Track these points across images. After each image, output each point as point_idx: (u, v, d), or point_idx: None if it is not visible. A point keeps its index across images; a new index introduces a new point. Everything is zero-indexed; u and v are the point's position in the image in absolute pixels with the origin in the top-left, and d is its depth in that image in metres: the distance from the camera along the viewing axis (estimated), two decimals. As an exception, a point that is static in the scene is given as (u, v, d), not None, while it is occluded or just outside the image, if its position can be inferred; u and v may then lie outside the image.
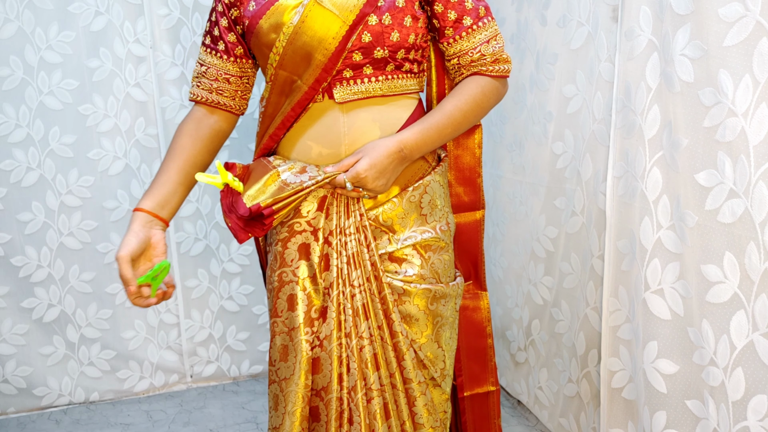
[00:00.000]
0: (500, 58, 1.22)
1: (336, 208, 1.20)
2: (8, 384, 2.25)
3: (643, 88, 1.42)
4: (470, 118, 1.23)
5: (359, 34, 1.14)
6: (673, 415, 1.42)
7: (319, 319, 1.20)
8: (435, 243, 1.26)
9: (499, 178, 2.21)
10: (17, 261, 2.19)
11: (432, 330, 1.27)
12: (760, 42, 1.14)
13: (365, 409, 1.22)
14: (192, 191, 2.31)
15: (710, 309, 1.29)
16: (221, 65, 1.26)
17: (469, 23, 1.20)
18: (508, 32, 2.07)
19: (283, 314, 1.21)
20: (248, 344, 2.50)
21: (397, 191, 1.24)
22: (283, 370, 1.21)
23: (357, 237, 1.20)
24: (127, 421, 2.23)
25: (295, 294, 1.19)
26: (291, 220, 1.21)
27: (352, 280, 1.20)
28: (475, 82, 1.23)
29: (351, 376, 1.21)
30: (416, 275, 1.24)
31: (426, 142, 1.19)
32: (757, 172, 1.16)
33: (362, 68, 1.18)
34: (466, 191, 1.40)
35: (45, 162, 2.16)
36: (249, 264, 2.44)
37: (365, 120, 1.20)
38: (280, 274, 1.21)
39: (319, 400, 1.22)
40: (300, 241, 1.20)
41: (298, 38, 1.15)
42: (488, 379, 1.48)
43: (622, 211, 1.55)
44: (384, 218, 1.23)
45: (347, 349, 1.21)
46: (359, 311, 1.21)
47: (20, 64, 2.08)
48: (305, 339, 1.19)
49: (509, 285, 2.22)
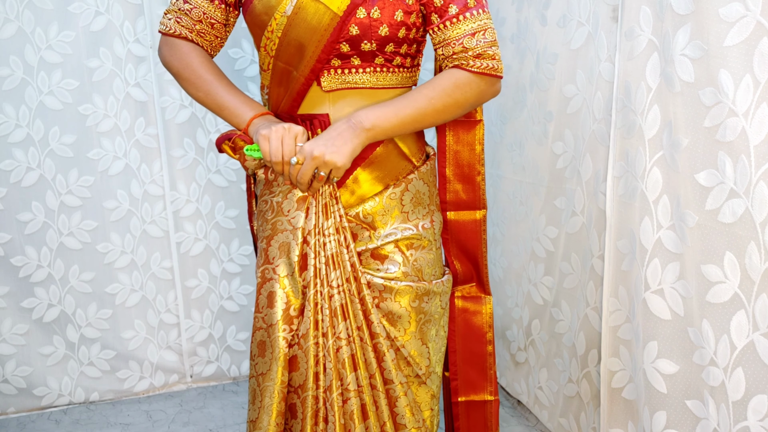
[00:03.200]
0: (485, 53, 1.15)
1: (315, 208, 1.20)
2: (8, 384, 2.25)
3: (643, 88, 1.42)
4: (440, 109, 1.17)
5: (347, 25, 1.14)
6: (673, 415, 1.42)
7: (299, 317, 1.21)
8: (417, 241, 1.26)
9: (499, 178, 2.21)
10: (17, 261, 2.18)
11: (416, 327, 1.27)
12: (761, 42, 1.14)
13: (340, 409, 1.23)
14: (192, 191, 2.32)
15: (710, 309, 1.29)
16: (208, 8, 1.22)
17: (454, 12, 1.14)
18: (508, 32, 2.07)
19: (263, 310, 1.22)
20: (248, 344, 2.49)
21: (380, 189, 1.24)
22: (261, 365, 1.22)
23: (336, 237, 1.21)
24: (127, 421, 2.23)
25: (275, 291, 1.21)
26: (274, 218, 1.23)
27: (330, 280, 1.21)
28: (451, 75, 1.16)
29: (327, 376, 1.22)
30: (398, 273, 1.24)
31: (380, 118, 1.14)
32: (758, 172, 1.16)
33: (350, 59, 1.17)
34: (464, 189, 1.38)
35: (45, 162, 2.16)
36: (249, 264, 2.44)
37: (350, 113, 1.18)
38: (263, 271, 1.23)
39: (296, 397, 1.23)
40: (281, 239, 1.22)
41: (291, 30, 1.15)
42: (486, 387, 1.46)
43: (622, 211, 1.54)
44: (364, 214, 1.23)
45: (323, 348, 1.22)
46: (337, 311, 1.21)
47: (20, 64, 2.08)
48: (282, 336, 1.20)
49: (509, 285, 2.22)
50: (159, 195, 2.30)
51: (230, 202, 2.38)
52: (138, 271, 2.32)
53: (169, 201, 2.30)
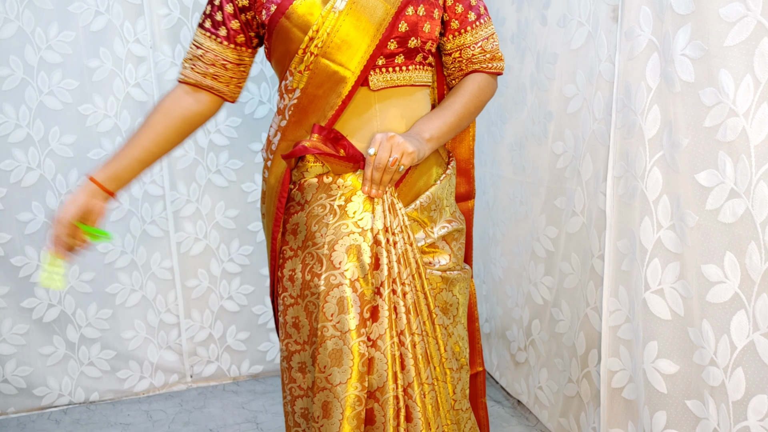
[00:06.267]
0: (496, 56, 1.30)
1: (382, 207, 1.20)
2: (8, 384, 2.25)
3: (643, 88, 1.42)
4: (472, 111, 1.29)
5: (398, 22, 1.17)
6: (673, 415, 1.42)
7: (370, 319, 1.19)
8: (457, 232, 1.33)
9: (499, 178, 2.21)
10: (17, 261, 2.18)
11: (461, 313, 1.34)
12: (761, 42, 1.14)
13: (423, 404, 1.22)
14: (192, 191, 2.32)
15: (710, 309, 1.29)
16: (220, 51, 1.25)
17: (473, 18, 1.26)
18: (508, 32, 2.07)
19: (333, 318, 1.17)
20: (248, 344, 2.50)
21: (427, 189, 1.28)
22: (337, 375, 1.18)
23: (402, 236, 1.22)
24: (127, 421, 2.23)
25: (346, 296, 1.17)
26: (337, 221, 1.20)
27: (403, 278, 1.21)
28: (474, 80, 1.29)
29: (407, 374, 1.21)
30: (450, 264, 1.31)
31: (433, 129, 1.23)
32: (758, 172, 1.16)
33: (395, 57, 1.21)
34: (462, 182, 1.44)
35: (45, 162, 2.16)
36: (249, 264, 2.44)
37: (395, 115, 1.24)
38: (327, 277, 1.18)
39: (374, 401, 1.21)
40: (348, 243, 1.18)
41: (345, 24, 1.16)
42: (477, 360, 1.53)
43: (622, 211, 1.54)
44: (420, 211, 1.26)
45: (401, 346, 1.21)
46: (411, 309, 1.22)
47: (20, 64, 2.08)
48: (360, 341, 1.17)
49: (509, 285, 2.22)
50: (159, 195, 2.30)
51: (230, 202, 2.38)
52: (138, 271, 2.32)
53: (169, 201, 2.30)
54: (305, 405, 1.27)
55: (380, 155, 1.14)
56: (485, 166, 2.31)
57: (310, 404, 1.25)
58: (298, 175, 1.25)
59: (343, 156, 1.19)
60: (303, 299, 1.22)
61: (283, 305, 1.26)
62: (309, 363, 1.24)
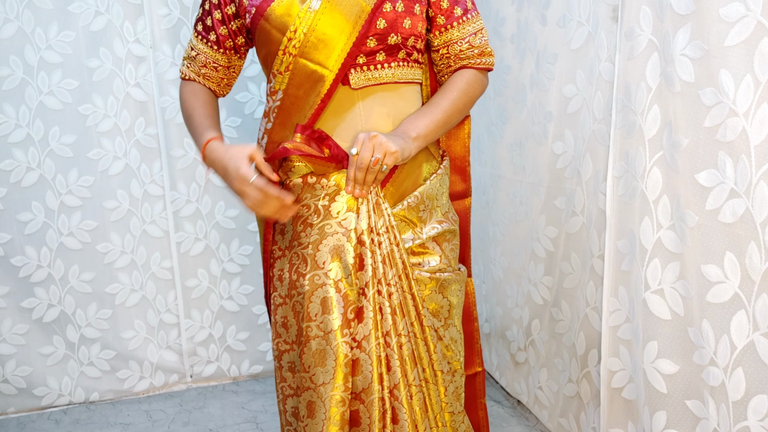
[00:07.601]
0: (485, 51, 1.28)
1: (366, 207, 1.19)
2: (8, 384, 2.25)
3: (643, 88, 1.42)
4: (461, 108, 1.27)
5: (375, 19, 1.16)
6: (673, 415, 1.42)
7: (355, 320, 1.19)
8: (450, 234, 1.31)
9: (499, 178, 2.21)
10: (17, 261, 2.19)
11: (451, 315, 1.31)
12: (761, 42, 1.14)
13: (410, 405, 1.22)
14: (192, 191, 2.32)
15: (710, 309, 1.29)
16: (210, 54, 1.30)
17: (459, 13, 1.24)
18: (508, 32, 2.07)
19: (317, 318, 1.18)
20: (248, 344, 2.50)
21: (416, 189, 1.26)
22: (320, 375, 1.18)
23: (388, 236, 1.21)
24: (127, 421, 2.23)
25: (330, 296, 1.17)
26: (322, 221, 1.20)
27: (388, 279, 1.20)
28: (462, 76, 1.27)
29: (392, 375, 1.21)
30: (440, 265, 1.28)
31: (420, 127, 1.21)
32: (758, 172, 1.16)
33: (375, 54, 1.20)
34: (458, 180, 1.43)
35: (45, 162, 2.16)
36: (249, 264, 2.44)
37: (380, 114, 1.22)
38: (312, 277, 1.18)
39: (359, 403, 1.20)
40: (332, 243, 1.18)
41: (321, 23, 1.16)
42: (475, 360, 1.52)
43: (622, 211, 1.54)
44: (408, 211, 1.25)
45: (386, 348, 1.20)
46: (396, 309, 1.21)
47: (20, 64, 2.08)
48: (343, 341, 1.17)
49: (509, 285, 2.22)
50: (159, 195, 2.30)
51: (230, 202, 2.38)
52: (138, 271, 2.32)
53: (169, 201, 2.30)
54: (295, 404, 1.28)
55: (362, 155, 1.13)
56: (485, 166, 2.31)
57: (298, 403, 1.25)
58: (283, 176, 1.25)
59: (326, 156, 1.19)
60: (290, 299, 1.23)
61: (274, 305, 1.27)
62: (297, 362, 1.24)
